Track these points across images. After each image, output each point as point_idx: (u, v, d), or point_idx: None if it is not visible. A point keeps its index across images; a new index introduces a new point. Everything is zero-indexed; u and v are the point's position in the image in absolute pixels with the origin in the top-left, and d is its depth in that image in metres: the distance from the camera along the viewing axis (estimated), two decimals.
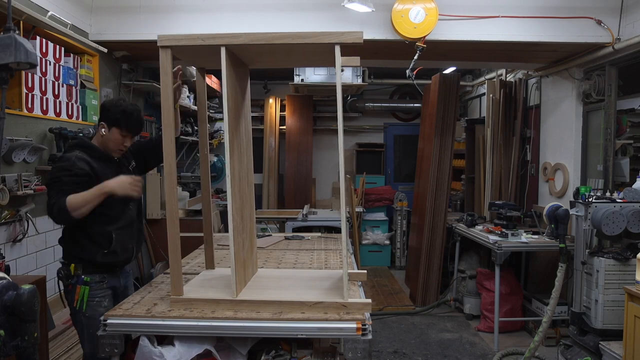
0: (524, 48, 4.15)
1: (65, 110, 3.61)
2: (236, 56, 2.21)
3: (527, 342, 4.01)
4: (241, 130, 2.33)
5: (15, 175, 2.95)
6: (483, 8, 3.90)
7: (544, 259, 4.76)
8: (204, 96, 2.41)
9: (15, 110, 3.05)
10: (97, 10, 3.99)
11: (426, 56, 4.07)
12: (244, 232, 2.30)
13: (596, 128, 4.34)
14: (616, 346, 3.01)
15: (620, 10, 3.82)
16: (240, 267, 2.19)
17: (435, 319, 4.94)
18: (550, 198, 4.75)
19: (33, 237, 3.24)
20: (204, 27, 3.94)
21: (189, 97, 6.09)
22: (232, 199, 2.10)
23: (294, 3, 3.96)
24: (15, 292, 1.60)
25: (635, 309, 2.77)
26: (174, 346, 1.96)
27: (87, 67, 3.96)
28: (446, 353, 4.10)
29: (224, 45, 2.01)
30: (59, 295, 2.39)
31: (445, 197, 5.33)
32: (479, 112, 6.90)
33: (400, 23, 3.83)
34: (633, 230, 3.22)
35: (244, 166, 2.34)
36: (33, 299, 1.61)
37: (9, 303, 1.58)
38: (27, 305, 1.59)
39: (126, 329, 1.98)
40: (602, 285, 3.25)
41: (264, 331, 1.97)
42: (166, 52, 2.05)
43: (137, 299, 2.22)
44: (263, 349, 2.04)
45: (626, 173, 4.17)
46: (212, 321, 1.97)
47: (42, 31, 3.30)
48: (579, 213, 3.47)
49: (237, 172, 2.19)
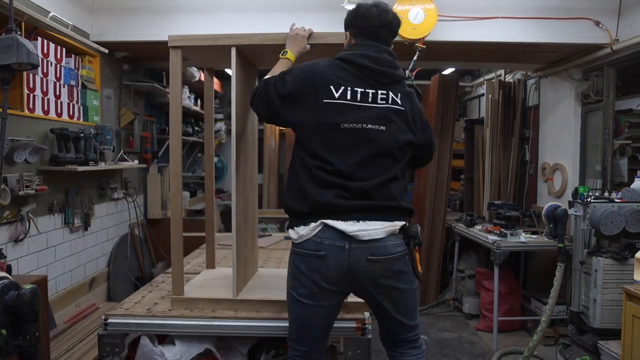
0: (523, 49, 4.16)
1: (67, 110, 3.62)
2: (245, 56, 2.22)
3: (526, 341, 4.02)
4: (247, 131, 2.34)
5: (16, 176, 2.96)
6: (482, 9, 3.91)
7: (542, 259, 4.77)
8: (212, 97, 2.42)
9: (16, 110, 3.07)
10: (98, 11, 4.00)
11: (425, 57, 4.07)
12: (247, 232, 2.31)
13: (595, 128, 4.35)
14: (614, 345, 3.02)
15: (619, 12, 3.83)
16: (242, 267, 2.21)
17: (435, 319, 4.95)
18: (549, 198, 4.76)
19: (34, 237, 3.25)
20: (204, 28, 3.95)
21: (189, 97, 6.10)
22: (237, 200, 2.12)
23: (294, 4, 3.97)
24: (17, 292, 1.62)
25: (634, 309, 2.78)
26: (175, 345, 1.97)
27: (88, 68, 3.97)
28: (445, 352, 4.12)
29: (235, 46, 2.02)
30: None
31: (445, 197, 5.34)
32: (478, 113, 6.91)
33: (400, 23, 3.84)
34: (631, 230, 3.23)
35: (248, 167, 2.36)
36: (34, 298, 1.63)
37: (10, 303, 1.60)
38: (28, 305, 1.61)
39: (127, 328, 2.00)
40: (600, 284, 3.26)
41: (264, 330, 1.99)
42: (176, 52, 2.11)
43: (138, 298, 2.23)
44: (263, 348, 2.05)
45: (624, 173, 4.17)
46: (213, 320, 1.99)
47: (44, 32, 3.31)
48: (577, 213, 3.48)
49: (242, 173, 2.21)
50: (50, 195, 3.41)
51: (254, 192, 2.48)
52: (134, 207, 4.80)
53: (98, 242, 4.20)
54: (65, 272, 3.67)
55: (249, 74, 2.33)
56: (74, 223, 3.73)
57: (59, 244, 3.57)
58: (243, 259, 2.24)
